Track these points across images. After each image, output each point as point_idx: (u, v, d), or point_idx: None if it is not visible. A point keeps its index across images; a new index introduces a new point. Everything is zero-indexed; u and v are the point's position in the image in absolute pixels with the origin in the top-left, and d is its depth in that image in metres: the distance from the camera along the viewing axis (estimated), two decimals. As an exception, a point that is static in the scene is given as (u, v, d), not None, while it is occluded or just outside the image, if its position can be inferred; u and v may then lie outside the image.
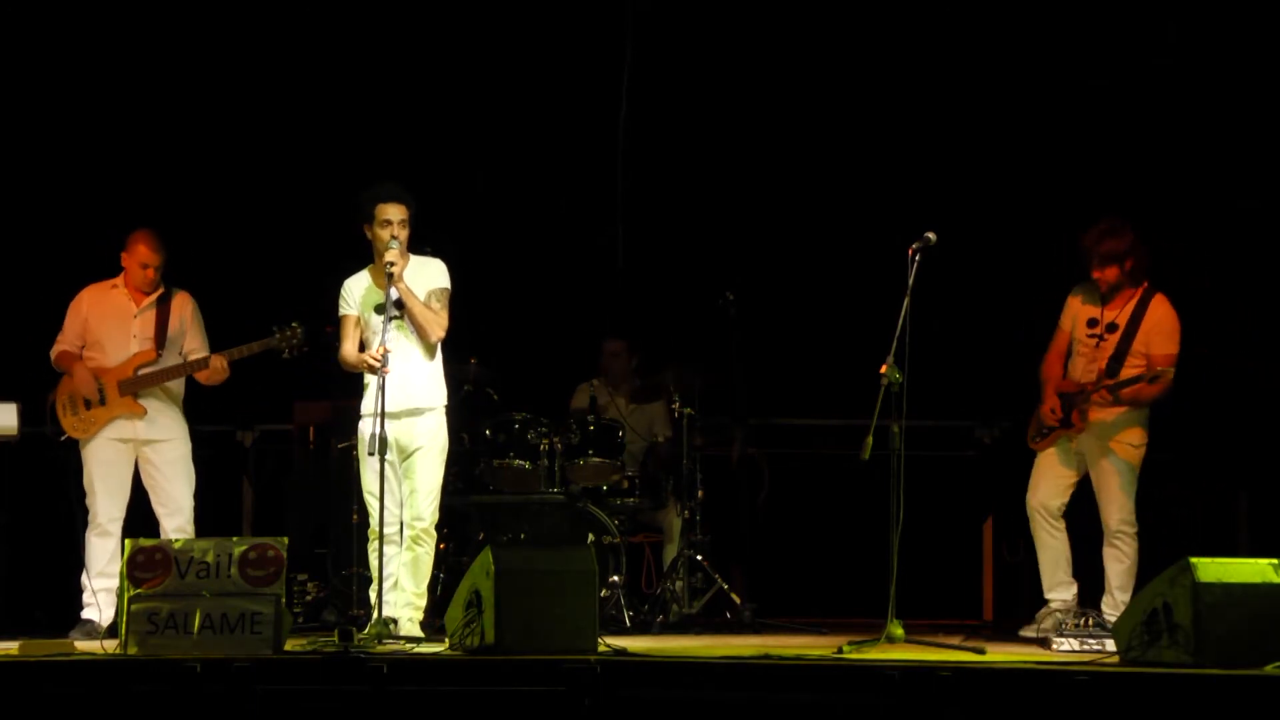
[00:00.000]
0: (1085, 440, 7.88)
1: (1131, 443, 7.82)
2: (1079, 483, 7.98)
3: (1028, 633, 7.89)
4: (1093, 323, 7.89)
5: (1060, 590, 7.94)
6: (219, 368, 8.04)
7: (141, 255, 8.13)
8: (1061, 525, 7.95)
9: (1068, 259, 9.61)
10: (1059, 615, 7.79)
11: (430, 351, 7.53)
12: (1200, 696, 5.93)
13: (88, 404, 8.02)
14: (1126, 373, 7.77)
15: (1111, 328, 7.84)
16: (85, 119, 9.80)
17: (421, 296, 7.46)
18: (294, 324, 7.98)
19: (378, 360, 7.24)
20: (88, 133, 9.79)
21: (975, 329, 9.84)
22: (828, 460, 9.67)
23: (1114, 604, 7.68)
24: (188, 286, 8.35)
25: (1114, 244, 7.79)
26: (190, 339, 8.20)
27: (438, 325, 7.48)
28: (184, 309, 8.24)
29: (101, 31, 9.74)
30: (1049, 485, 7.96)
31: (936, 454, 8.99)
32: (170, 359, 8.13)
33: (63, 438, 8.07)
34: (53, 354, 8.15)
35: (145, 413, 8.06)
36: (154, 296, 8.19)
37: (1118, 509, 7.79)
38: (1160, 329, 7.80)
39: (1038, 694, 6.03)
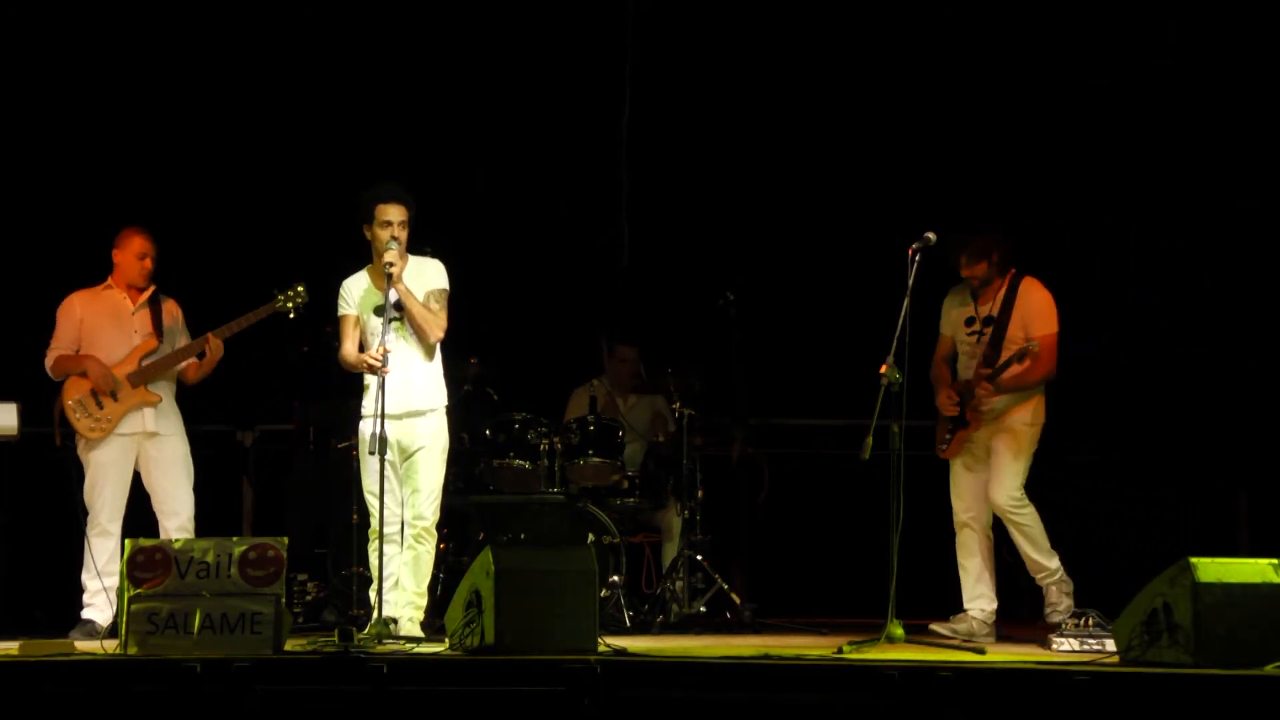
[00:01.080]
0: (982, 434, 7.84)
1: (1023, 420, 7.77)
2: None
3: (940, 628, 7.83)
4: (970, 321, 7.89)
5: (982, 602, 7.88)
6: (216, 346, 8.04)
7: (138, 246, 8.14)
8: (991, 536, 7.87)
9: (1068, 258, 9.64)
10: (974, 623, 7.79)
11: (430, 352, 7.53)
12: (1200, 696, 5.93)
13: (100, 403, 8.00)
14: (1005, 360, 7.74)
15: (988, 321, 7.84)
16: (84, 120, 9.79)
17: (420, 297, 7.46)
18: (297, 285, 7.96)
19: (378, 360, 7.24)
20: (85, 133, 9.78)
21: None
22: (828, 460, 9.67)
23: (1038, 566, 7.73)
24: (189, 287, 8.35)
25: (980, 240, 7.79)
26: (177, 341, 8.21)
27: (437, 326, 7.48)
28: (175, 311, 8.28)
29: (98, 35, 9.73)
30: (971, 494, 7.90)
31: (936, 454, 8.98)
32: (167, 351, 8.13)
33: (77, 441, 8.05)
34: (48, 362, 8.12)
35: (160, 400, 8.06)
36: (146, 295, 8.19)
37: (1003, 488, 7.71)
38: (1035, 311, 7.78)
39: (1038, 694, 6.03)
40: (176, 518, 8.04)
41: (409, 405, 7.43)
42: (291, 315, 7.97)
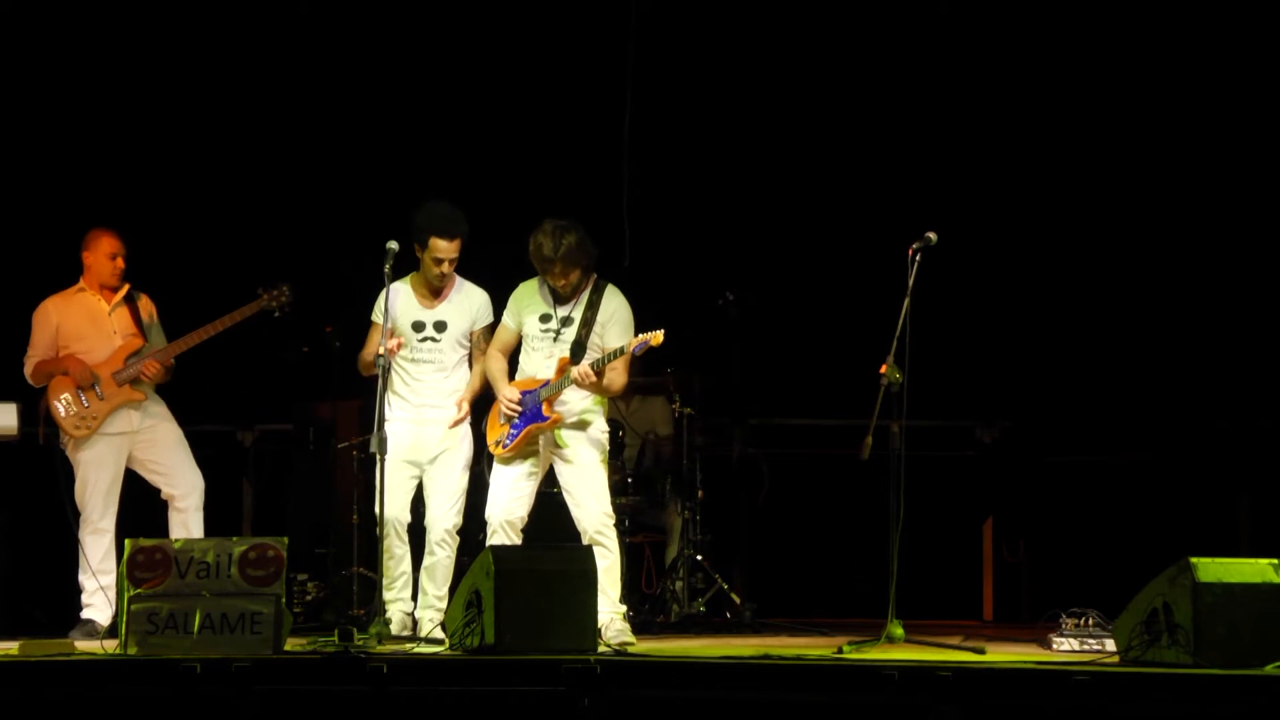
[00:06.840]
0: (557, 435, 7.54)
1: (601, 427, 7.58)
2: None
3: None
4: (546, 319, 7.61)
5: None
6: (153, 365, 8.03)
7: (107, 246, 8.11)
8: (519, 536, 7.58)
9: (1065, 258, 9.62)
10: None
11: (460, 366, 7.75)
12: (1200, 696, 5.93)
13: (85, 401, 7.99)
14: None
15: (567, 322, 7.55)
16: (84, 121, 9.78)
17: (466, 328, 7.72)
18: (282, 285, 7.93)
19: (388, 357, 7.34)
20: (83, 135, 9.76)
21: (975, 329, 9.83)
22: (828, 460, 9.67)
23: (610, 603, 7.40)
24: (192, 286, 8.34)
25: (580, 247, 7.47)
26: (154, 336, 8.21)
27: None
28: (150, 308, 8.26)
29: (97, 34, 9.71)
30: (516, 494, 7.57)
31: (936, 454, 8.98)
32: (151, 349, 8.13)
33: (62, 441, 8.03)
34: (27, 370, 8.09)
35: (145, 398, 8.06)
36: (120, 294, 8.17)
37: (598, 504, 7.49)
38: (615, 321, 7.53)
39: (1038, 694, 6.03)
40: (190, 497, 8.03)
41: (436, 416, 7.65)
42: (276, 314, 7.93)
